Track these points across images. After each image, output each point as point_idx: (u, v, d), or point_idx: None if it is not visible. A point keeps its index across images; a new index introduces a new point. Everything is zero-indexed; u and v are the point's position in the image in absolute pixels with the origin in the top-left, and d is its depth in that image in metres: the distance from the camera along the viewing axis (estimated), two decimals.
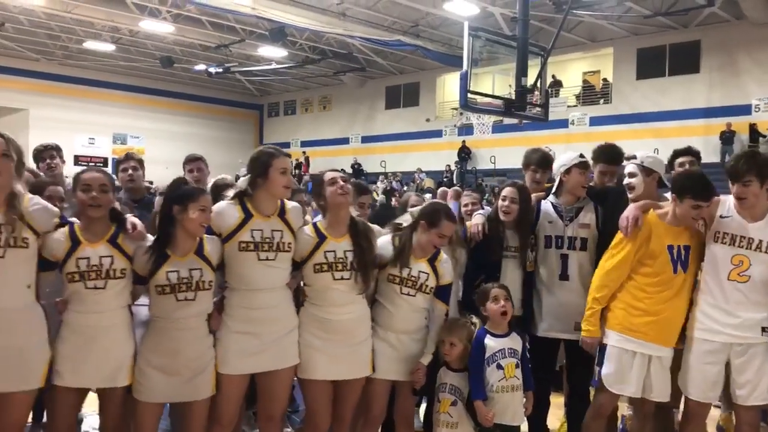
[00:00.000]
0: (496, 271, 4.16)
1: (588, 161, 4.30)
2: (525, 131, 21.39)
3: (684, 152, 4.77)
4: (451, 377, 3.73)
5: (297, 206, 3.63)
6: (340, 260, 3.51)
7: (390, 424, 3.98)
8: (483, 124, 18.52)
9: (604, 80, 24.01)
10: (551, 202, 4.32)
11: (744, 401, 3.62)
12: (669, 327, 3.73)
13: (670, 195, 3.73)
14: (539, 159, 4.68)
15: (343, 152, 29.29)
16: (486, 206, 4.92)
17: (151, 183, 5.69)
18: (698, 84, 20.87)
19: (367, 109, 29.72)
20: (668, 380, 3.77)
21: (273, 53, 24.46)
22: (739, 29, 19.69)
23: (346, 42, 23.42)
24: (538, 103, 10.82)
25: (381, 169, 27.39)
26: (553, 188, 4.35)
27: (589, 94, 24.30)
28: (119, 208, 3.44)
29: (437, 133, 27.07)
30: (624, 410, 4.47)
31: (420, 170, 25.71)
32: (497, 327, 3.74)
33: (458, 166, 25.34)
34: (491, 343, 3.68)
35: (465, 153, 25.38)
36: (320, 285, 3.54)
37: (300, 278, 3.63)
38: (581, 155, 4.28)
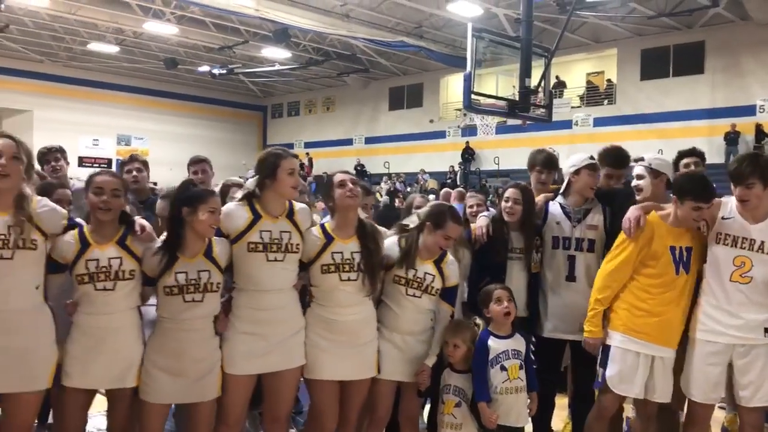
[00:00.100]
0: (501, 273, 4.14)
1: (597, 163, 4.28)
2: (529, 132, 21.37)
3: (689, 153, 4.76)
4: (455, 378, 3.72)
5: (305, 207, 3.64)
6: (347, 261, 3.52)
7: (394, 426, 3.97)
8: (487, 125, 18.51)
9: (608, 81, 23.97)
10: (559, 203, 4.31)
11: (747, 402, 3.61)
12: (671, 328, 3.72)
13: (672, 196, 3.72)
14: (544, 160, 4.68)
15: (347, 153, 29.29)
16: (490, 207, 4.91)
17: (155, 184, 5.70)
18: (702, 85, 20.82)
19: (371, 110, 29.71)
20: (670, 381, 3.76)
21: (276, 54, 24.48)
22: (744, 30, 19.64)
23: (350, 43, 23.42)
24: (542, 104, 10.84)
25: (384, 170, 27.38)
26: (562, 189, 4.34)
27: (593, 95, 24.27)
28: (128, 210, 3.45)
29: (441, 134, 27.05)
30: (629, 412, 4.46)
31: (423, 171, 25.70)
32: (500, 328, 3.74)
33: (462, 167, 25.33)
34: (495, 345, 3.67)
35: (468, 154, 25.37)
36: (327, 286, 3.54)
37: (306, 279, 3.63)
38: (591, 157, 4.27)
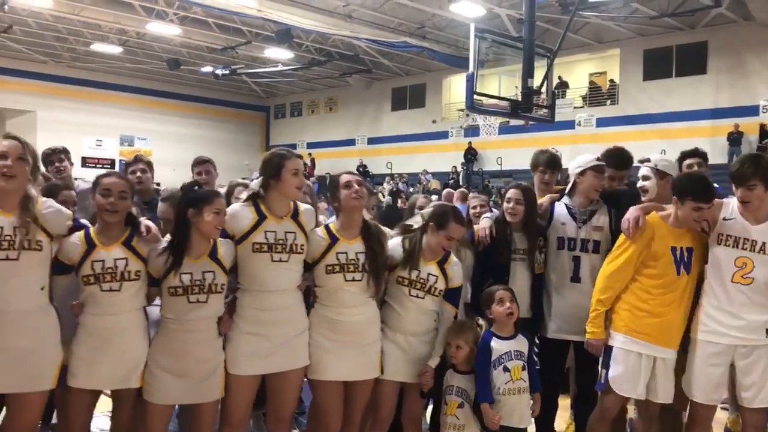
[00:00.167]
0: (505, 274, 4.13)
1: (603, 165, 4.25)
2: (531, 132, 21.32)
3: (691, 154, 4.75)
4: (458, 379, 3.72)
5: (310, 208, 3.65)
6: (352, 262, 3.53)
7: (398, 426, 3.97)
8: (489, 126, 18.48)
9: (611, 81, 23.95)
10: (565, 204, 4.29)
11: (750, 403, 3.61)
12: (673, 329, 3.71)
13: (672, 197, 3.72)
14: (547, 160, 4.68)
15: (350, 154, 29.27)
16: (493, 208, 4.90)
17: (158, 185, 5.70)
18: (705, 85, 20.78)
19: (374, 111, 29.70)
20: (672, 382, 3.75)
21: (279, 55, 24.49)
22: (747, 30, 19.59)
23: (353, 44, 23.42)
24: (545, 105, 10.83)
25: (387, 171, 27.37)
26: (567, 189, 4.34)
27: (596, 96, 24.23)
28: (134, 212, 3.46)
29: (443, 135, 27.04)
30: (632, 413, 4.45)
31: (426, 172, 25.69)
32: (503, 329, 3.73)
33: (464, 168, 25.30)
34: (497, 346, 3.67)
35: (471, 154, 25.34)
36: (332, 286, 3.54)
37: (311, 280, 3.63)
38: (598, 158, 4.25)
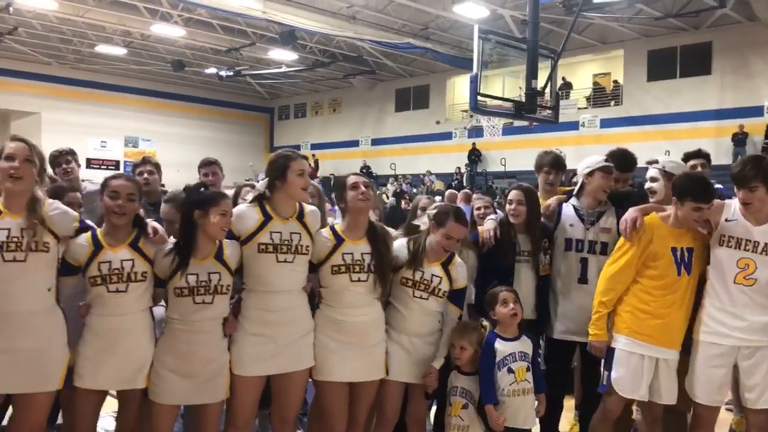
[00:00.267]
0: (509, 276, 4.12)
1: (612, 166, 4.23)
2: (535, 133, 21.33)
3: (695, 155, 4.75)
4: (463, 381, 3.72)
5: (315, 209, 3.65)
6: (358, 262, 3.53)
7: (401, 427, 3.97)
8: (493, 127, 18.52)
9: (615, 82, 23.90)
10: (573, 205, 4.29)
11: (753, 404, 3.60)
12: (675, 330, 3.71)
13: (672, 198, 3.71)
14: (552, 161, 4.70)
15: (353, 155, 29.28)
16: (497, 209, 4.90)
17: (163, 186, 5.71)
18: (710, 86, 20.73)
19: (377, 112, 29.71)
20: (675, 383, 3.75)
21: (283, 56, 24.52)
22: (752, 30, 19.54)
23: (356, 45, 23.44)
24: (549, 106, 10.82)
25: (391, 172, 27.38)
26: (575, 190, 4.34)
27: (600, 96, 24.20)
28: (141, 213, 3.47)
29: (447, 136, 27.03)
30: (637, 414, 4.44)
31: (430, 173, 25.69)
32: (507, 330, 3.73)
33: (468, 169, 25.28)
34: (501, 347, 3.67)
35: (475, 155, 25.33)
36: (337, 286, 3.55)
37: (316, 281, 3.64)
38: (606, 159, 4.24)
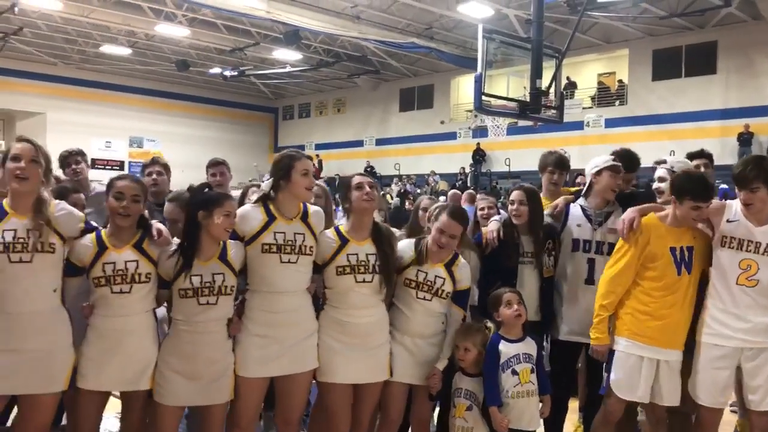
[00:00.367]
0: (513, 277, 4.11)
1: (620, 165, 4.22)
2: (540, 133, 21.27)
3: (698, 155, 4.73)
4: (467, 382, 3.71)
5: (319, 210, 3.66)
6: (363, 263, 3.53)
7: (405, 429, 3.97)
8: (497, 127, 18.45)
9: (620, 82, 23.86)
10: (580, 205, 4.28)
11: (757, 406, 3.59)
12: (677, 330, 3.70)
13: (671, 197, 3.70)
14: (556, 160, 4.72)
15: (357, 155, 29.28)
16: (501, 210, 4.90)
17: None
18: (715, 85, 20.67)
19: (381, 112, 29.71)
20: (678, 385, 3.73)
21: (287, 56, 24.54)
22: (757, 29, 19.46)
23: (360, 45, 23.44)
24: (553, 105, 10.78)
25: (395, 172, 27.38)
26: (583, 190, 4.33)
27: (605, 96, 24.16)
28: (146, 214, 3.47)
29: (451, 136, 27.01)
30: (642, 416, 4.43)
31: (434, 173, 25.67)
32: (511, 332, 3.72)
33: (473, 169, 25.27)
34: (505, 349, 3.66)
35: (479, 155, 25.32)
36: (342, 287, 3.54)
37: (320, 282, 3.63)
38: (614, 158, 4.23)
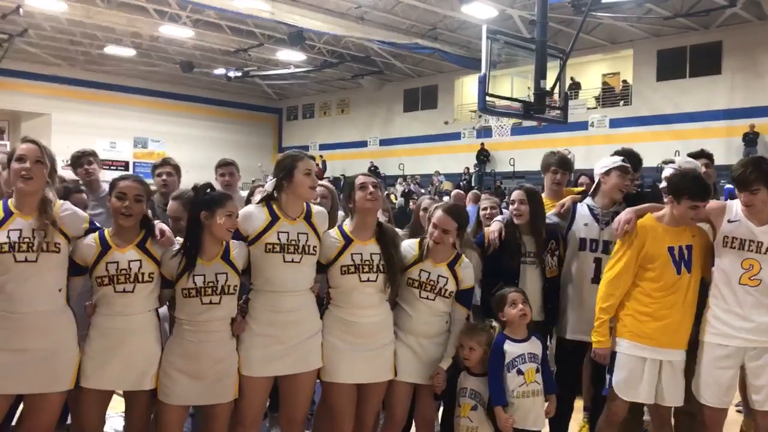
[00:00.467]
0: (515, 277, 4.12)
1: (628, 166, 4.22)
2: (544, 133, 21.26)
3: (698, 155, 4.72)
4: (472, 382, 3.71)
5: (322, 210, 3.67)
6: (367, 262, 3.54)
7: (409, 429, 3.97)
8: (502, 127, 18.46)
9: (624, 82, 23.81)
10: (587, 205, 4.29)
11: (761, 406, 3.59)
12: (678, 330, 3.69)
13: (668, 197, 3.69)
14: (559, 160, 4.78)
15: (361, 155, 29.27)
16: (505, 210, 4.90)
17: None
18: (720, 85, 20.60)
19: (385, 112, 29.70)
20: (681, 385, 3.72)
21: (292, 57, 24.55)
22: (762, 29, 19.40)
23: (364, 45, 23.45)
24: (557, 106, 10.78)
25: (399, 172, 27.36)
26: (591, 190, 4.33)
27: (609, 96, 24.11)
28: (150, 215, 3.48)
29: (456, 136, 26.98)
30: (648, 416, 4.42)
31: (438, 173, 25.64)
32: (516, 331, 3.72)
33: (477, 169, 25.22)
34: (511, 349, 3.66)
35: (484, 155, 25.28)
36: (346, 287, 3.55)
37: (323, 282, 3.64)
38: (623, 159, 4.23)
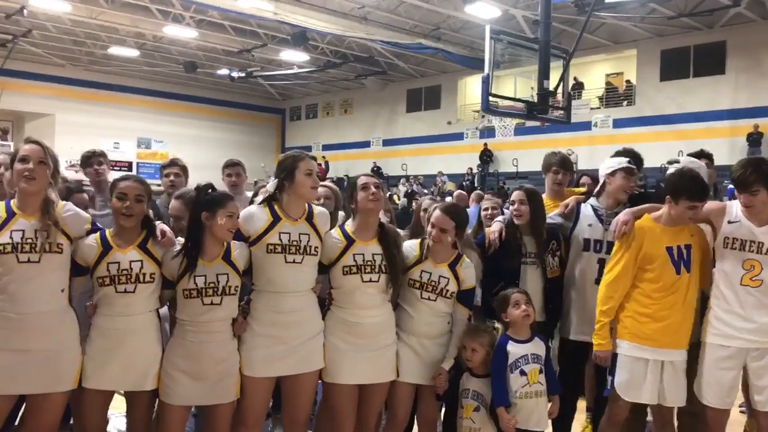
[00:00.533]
0: (515, 278, 4.11)
1: (634, 168, 4.21)
2: (547, 134, 21.22)
3: (698, 155, 4.71)
4: (474, 383, 3.70)
5: (324, 211, 3.67)
6: (369, 263, 3.54)
7: (410, 429, 3.96)
8: (505, 127, 18.43)
9: (628, 82, 23.77)
10: (591, 205, 4.28)
11: (763, 407, 3.58)
12: (679, 330, 3.68)
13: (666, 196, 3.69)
14: (560, 160, 4.79)
15: (365, 155, 29.26)
16: (507, 210, 4.90)
17: None
18: (724, 85, 20.56)
19: (389, 113, 29.70)
20: (683, 385, 3.72)
21: (295, 57, 24.59)
22: (766, 29, 19.36)
23: (368, 46, 23.46)
24: (561, 106, 10.77)
25: (402, 173, 27.37)
26: (595, 190, 4.33)
27: (613, 96, 24.08)
28: (152, 215, 3.49)
29: (459, 136, 26.97)
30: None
31: (441, 173, 25.63)
32: (519, 332, 3.72)
33: (480, 169, 25.23)
34: (514, 349, 3.65)
35: (487, 156, 25.28)
36: (348, 287, 3.55)
37: (325, 283, 3.64)
38: (629, 160, 4.22)
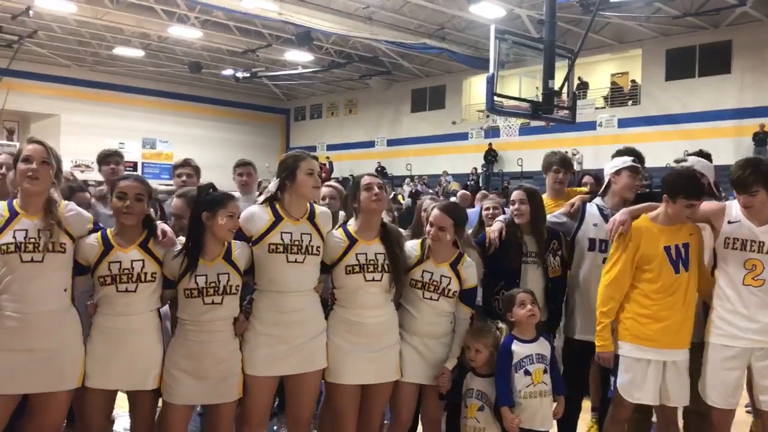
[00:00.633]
0: (516, 277, 4.10)
1: (639, 166, 4.20)
2: (552, 134, 21.21)
3: (696, 155, 4.70)
4: (479, 383, 3.70)
5: (326, 211, 3.67)
6: (372, 262, 3.53)
7: (414, 429, 3.96)
8: (510, 127, 18.38)
9: (633, 82, 23.73)
10: (597, 205, 4.27)
11: None
12: (680, 330, 3.67)
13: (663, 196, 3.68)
14: (560, 159, 4.84)
15: (369, 155, 29.27)
16: (506, 209, 4.90)
17: None
18: (729, 85, 20.50)
19: (393, 113, 29.71)
20: (686, 385, 3.71)
21: (299, 57, 24.59)
22: None
23: (372, 46, 23.47)
24: (566, 106, 10.75)
25: (407, 173, 27.37)
26: (601, 190, 4.32)
27: (618, 96, 24.04)
28: (154, 215, 3.50)
29: (463, 136, 26.97)
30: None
31: (446, 173, 25.63)
32: (524, 332, 3.71)
33: (485, 169, 25.23)
34: (519, 349, 3.65)
35: (491, 156, 25.27)
36: (351, 287, 3.54)
37: (327, 282, 3.64)
38: (634, 159, 4.21)
